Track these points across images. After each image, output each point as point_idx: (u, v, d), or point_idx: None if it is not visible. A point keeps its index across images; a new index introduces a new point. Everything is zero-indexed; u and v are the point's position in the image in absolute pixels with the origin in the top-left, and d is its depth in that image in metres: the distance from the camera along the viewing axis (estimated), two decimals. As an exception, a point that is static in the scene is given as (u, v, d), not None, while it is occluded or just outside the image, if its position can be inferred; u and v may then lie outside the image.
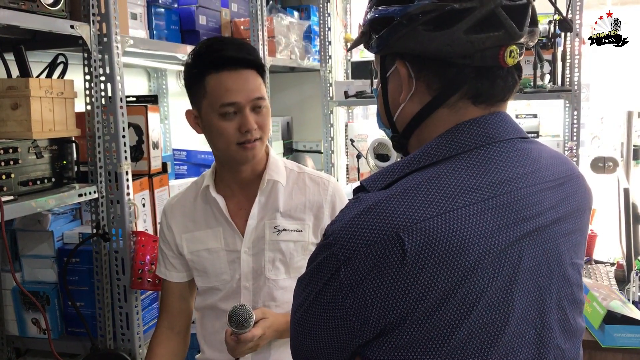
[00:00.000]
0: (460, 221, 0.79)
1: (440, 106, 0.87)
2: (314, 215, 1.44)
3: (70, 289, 1.73)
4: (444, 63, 0.85)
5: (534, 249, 0.83)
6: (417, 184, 0.82)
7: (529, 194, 0.85)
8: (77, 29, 1.56)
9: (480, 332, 0.79)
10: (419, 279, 0.77)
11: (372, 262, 0.78)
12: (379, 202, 0.81)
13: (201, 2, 2.35)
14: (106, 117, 1.66)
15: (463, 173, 0.82)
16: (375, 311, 0.80)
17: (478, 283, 0.79)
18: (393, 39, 0.87)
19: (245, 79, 1.35)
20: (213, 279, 1.46)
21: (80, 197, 1.60)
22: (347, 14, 3.63)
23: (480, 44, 0.82)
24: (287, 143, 3.55)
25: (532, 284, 0.83)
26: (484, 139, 0.86)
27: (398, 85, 0.90)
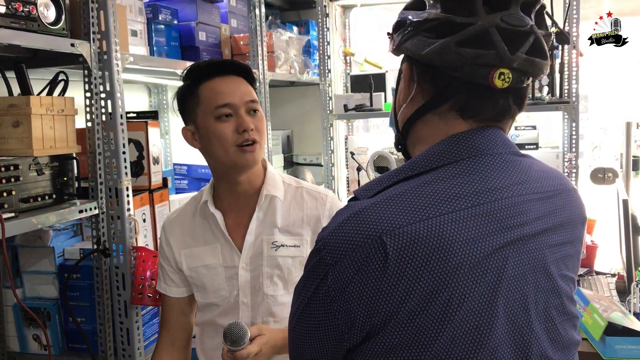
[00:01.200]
0: (443, 227, 0.80)
1: (429, 112, 0.91)
2: (312, 230, 1.44)
3: (71, 305, 1.73)
4: (438, 72, 0.88)
5: (518, 257, 0.84)
6: (402, 192, 0.84)
7: (514, 204, 0.86)
8: (78, 47, 1.57)
9: (463, 336, 0.80)
10: (401, 281, 0.79)
11: (356, 265, 0.81)
12: (364, 209, 0.83)
13: (201, 19, 2.38)
14: (106, 134, 1.67)
15: (448, 182, 0.84)
16: (361, 313, 0.81)
17: (460, 287, 0.80)
18: (401, 42, 0.91)
19: (236, 83, 1.40)
20: (211, 295, 1.46)
21: (80, 213, 1.61)
22: (345, 28, 3.66)
23: (469, 58, 0.84)
24: (288, 156, 3.56)
25: (516, 291, 0.84)
26: (471, 151, 0.87)
27: (403, 87, 0.95)
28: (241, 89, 1.40)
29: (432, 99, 0.90)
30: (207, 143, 1.40)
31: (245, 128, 1.36)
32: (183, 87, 1.44)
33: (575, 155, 2.78)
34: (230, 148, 1.36)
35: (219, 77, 1.40)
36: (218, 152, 1.38)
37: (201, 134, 1.40)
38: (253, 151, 1.38)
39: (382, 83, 3.36)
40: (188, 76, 1.43)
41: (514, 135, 3.14)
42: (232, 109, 1.37)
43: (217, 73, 1.40)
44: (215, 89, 1.38)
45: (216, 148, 1.38)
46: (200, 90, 1.39)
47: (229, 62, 1.45)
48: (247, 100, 1.39)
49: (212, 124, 1.37)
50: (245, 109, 1.38)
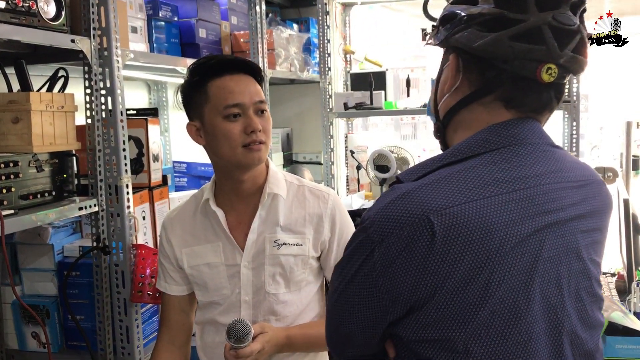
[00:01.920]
0: (486, 209, 0.86)
1: (475, 101, 0.96)
2: (314, 229, 1.44)
3: (70, 303, 1.72)
4: (487, 64, 0.93)
5: (553, 240, 0.90)
6: (447, 175, 0.90)
7: (550, 190, 0.92)
8: (78, 43, 1.56)
9: (502, 312, 0.86)
10: (446, 258, 0.85)
11: (404, 243, 0.86)
12: (412, 190, 0.89)
13: (201, 16, 2.37)
14: (106, 131, 1.66)
15: (490, 168, 0.90)
16: (406, 288, 0.87)
17: (501, 266, 0.86)
18: (452, 33, 0.95)
19: (246, 82, 1.38)
20: (213, 294, 1.45)
21: (80, 211, 1.60)
22: (346, 26, 3.66)
23: (520, 52, 0.90)
24: (287, 154, 3.56)
25: (551, 272, 0.90)
26: (512, 140, 0.93)
27: (447, 77, 0.99)
28: (250, 89, 1.38)
29: (479, 89, 0.95)
30: (213, 141, 1.39)
31: (253, 129, 1.35)
32: (190, 82, 1.41)
33: (576, 155, 2.78)
34: (238, 148, 1.36)
35: (229, 75, 1.37)
36: (224, 151, 1.37)
37: (207, 131, 1.39)
38: (260, 151, 1.37)
39: (382, 81, 3.35)
40: (196, 71, 1.40)
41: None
42: (241, 109, 1.36)
43: (227, 71, 1.38)
44: (225, 88, 1.36)
45: (223, 147, 1.37)
46: (209, 87, 1.37)
47: (240, 60, 1.42)
48: (257, 100, 1.38)
49: (220, 123, 1.36)
50: (253, 110, 1.37)
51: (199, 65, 1.41)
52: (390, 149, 3.20)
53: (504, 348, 0.87)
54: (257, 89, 1.40)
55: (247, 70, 1.40)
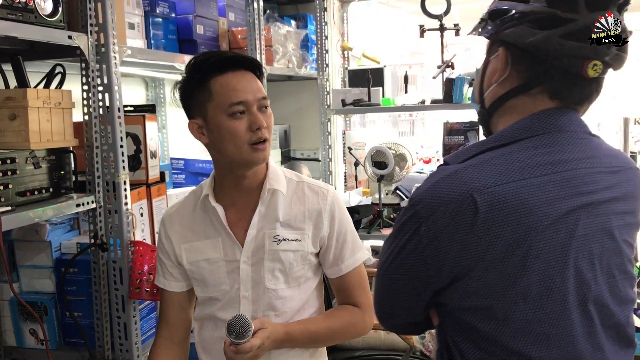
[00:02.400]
0: (524, 190, 0.95)
1: (523, 93, 1.04)
2: (314, 225, 1.44)
3: (68, 299, 1.72)
4: (537, 59, 1.00)
5: (588, 219, 0.98)
6: (490, 158, 0.99)
7: (586, 174, 1.00)
8: (75, 40, 1.56)
9: (538, 284, 0.95)
10: (487, 232, 0.94)
11: (449, 217, 0.96)
12: (458, 170, 0.99)
13: (199, 12, 2.36)
14: (104, 127, 1.66)
15: (531, 152, 0.99)
16: (450, 259, 0.97)
17: (537, 242, 0.94)
18: (503, 28, 1.03)
19: (248, 79, 1.38)
20: (212, 289, 1.45)
21: (78, 207, 1.60)
22: (344, 23, 3.65)
23: (570, 49, 0.97)
24: (285, 151, 3.55)
25: (585, 249, 0.98)
26: (551, 127, 1.01)
27: (495, 69, 1.07)
28: (253, 86, 1.38)
29: (528, 81, 1.03)
30: (217, 138, 1.38)
31: (259, 126, 1.35)
32: (190, 79, 1.40)
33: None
34: (244, 146, 1.35)
35: (231, 72, 1.37)
36: (230, 148, 1.36)
37: (210, 129, 1.38)
38: (265, 149, 1.37)
39: (380, 78, 3.35)
40: (197, 68, 1.39)
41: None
42: (246, 106, 1.35)
43: (229, 67, 1.37)
44: (229, 85, 1.35)
45: (228, 145, 1.36)
46: (211, 84, 1.36)
47: (242, 57, 1.41)
48: (260, 97, 1.37)
49: (225, 121, 1.35)
50: (257, 106, 1.37)
51: (200, 62, 1.40)
52: (388, 145, 3.20)
53: (540, 316, 0.96)
54: (259, 85, 1.40)
55: (248, 67, 1.39)
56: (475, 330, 0.99)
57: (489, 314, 0.97)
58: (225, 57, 1.40)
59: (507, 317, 0.96)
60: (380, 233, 3.09)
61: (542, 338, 0.97)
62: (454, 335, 1.03)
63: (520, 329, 0.97)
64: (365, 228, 3.13)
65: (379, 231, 3.09)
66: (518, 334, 0.97)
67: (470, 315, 0.99)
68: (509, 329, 0.97)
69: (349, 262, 1.47)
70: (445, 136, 3.17)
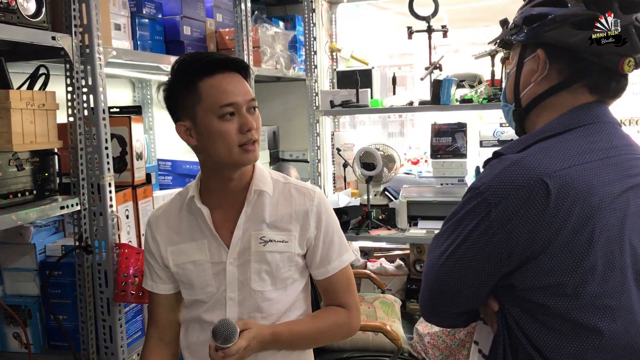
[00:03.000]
0: (586, 172, 1.04)
1: (563, 89, 1.13)
2: (300, 226, 1.43)
3: (53, 303, 1.71)
4: (577, 56, 1.11)
5: (636, 200, 1.09)
6: (549, 146, 1.08)
7: (628, 159, 1.11)
8: (59, 41, 1.55)
9: (603, 259, 1.03)
10: (558, 214, 1.01)
11: (520, 202, 1.02)
12: (521, 159, 1.06)
13: (186, 13, 2.35)
14: (89, 129, 1.65)
15: (582, 140, 1.08)
16: (522, 241, 1.02)
17: (600, 220, 1.03)
18: (544, 31, 1.11)
19: (237, 81, 1.38)
20: (198, 292, 1.45)
21: (62, 210, 1.58)
22: (332, 24, 3.65)
23: (608, 47, 1.08)
24: (274, 152, 3.55)
25: (636, 226, 1.08)
26: (594, 118, 1.11)
27: (532, 69, 1.16)
28: (242, 87, 1.37)
29: (569, 77, 1.12)
30: (207, 141, 1.37)
31: (249, 128, 1.35)
32: (177, 82, 1.39)
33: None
34: (234, 148, 1.35)
35: (220, 73, 1.36)
36: (220, 150, 1.36)
37: (200, 131, 1.37)
38: (255, 150, 1.38)
39: (368, 79, 3.35)
40: (185, 70, 1.38)
41: (499, 132, 3.15)
42: (236, 108, 1.35)
43: (218, 69, 1.36)
44: (218, 87, 1.35)
45: (218, 147, 1.36)
46: (200, 86, 1.35)
47: (230, 59, 1.40)
48: (249, 99, 1.37)
49: (216, 123, 1.34)
50: (246, 108, 1.37)
51: (188, 64, 1.39)
52: (376, 146, 3.20)
53: (605, 290, 1.04)
54: (248, 87, 1.40)
55: (236, 68, 1.39)
56: (545, 309, 1.05)
57: (559, 291, 1.03)
58: (214, 59, 1.39)
59: (577, 292, 1.03)
60: (368, 234, 3.09)
61: (608, 311, 1.04)
62: (519, 318, 1.08)
63: (588, 304, 1.04)
64: (354, 229, 3.13)
65: (367, 232, 3.09)
66: (586, 308, 1.04)
67: (540, 294, 1.04)
68: (578, 304, 1.03)
69: (336, 263, 1.47)
70: (433, 137, 3.18)
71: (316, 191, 1.48)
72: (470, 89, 3.01)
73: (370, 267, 3.34)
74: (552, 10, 1.11)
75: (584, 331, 1.04)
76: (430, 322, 1.22)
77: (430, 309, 1.18)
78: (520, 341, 1.08)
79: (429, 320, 1.21)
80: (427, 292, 1.16)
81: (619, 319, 1.05)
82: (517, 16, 1.20)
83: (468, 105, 2.99)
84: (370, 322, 2.49)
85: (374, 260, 3.43)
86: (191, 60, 1.39)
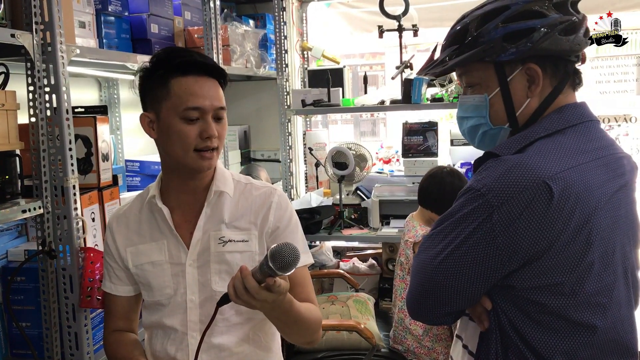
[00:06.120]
0: (585, 173, 1.06)
1: (559, 94, 1.15)
2: (260, 223, 1.41)
3: (15, 309, 1.65)
4: (563, 60, 1.14)
5: (625, 199, 1.13)
6: (545, 148, 1.08)
7: (616, 159, 1.14)
8: (19, 38, 1.49)
9: (599, 258, 1.06)
10: (560, 215, 1.02)
11: (524, 204, 1.02)
12: (522, 161, 1.06)
13: (153, 10, 2.30)
14: (51, 129, 1.59)
15: (574, 141, 1.10)
16: (525, 243, 1.03)
17: (598, 219, 1.05)
18: (536, 44, 1.11)
19: (210, 86, 1.34)
20: (157, 293, 1.41)
21: (24, 213, 1.53)
22: (303, 23, 3.63)
23: (584, 44, 1.15)
24: (245, 152, 3.51)
25: (625, 225, 1.12)
26: (581, 118, 1.14)
27: (523, 86, 1.15)
28: (213, 93, 1.34)
29: (561, 81, 1.15)
30: (165, 138, 1.35)
31: (209, 135, 1.32)
32: (152, 73, 1.35)
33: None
34: (190, 151, 1.33)
35: (194, 76, 1.33)
36: (176, 151, 1.34)
37: (161, 127, 1.35)
38: (211, 158, 1.35)
39: (339, 78, 3.34)
40: (162, 63, 1.35)
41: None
42: (201, 113, 1.32)
43: (193, 71, 1.33)
44: (188, 89, 1.31)
45: (175, 147, 1.34)
46: (172, 84, 1.32)
47: (209, 64, 1.36)
48: (217, 106, 1.34)
49: (177, 123, 1.32)
50: (212, 115, 1.34)
51: (166, 58, 1.35)
52: (348, 146, 3.20)
53: (600, 288, 1.06)
54: (220, 94, 1.36)
55: (212, 74, 1.36)
56: (542, 307, 1.06)
57: (558, 290, 1.05)
58: (191, 60, 1.34)
59: (574, 291, 1.05)
60: (341, 233, 3.08)
61: (600, 308, 1.07)
62: (513, 317, 1.09)
63: (584, 302, 1.06)
64: (326, 229, 3.12)
65: (340, 232, 3.09)
66: (582, 306, 1.06)
67: (538, 293, 1.06)
68: (575, 302, 1.05)
69: (303, 257, 1.36)
70: (404, 136, 3.19)
71: (277, 190, 1.47)
72: (441, 87, 3.03)
73: (343, 266, 3.34)
74: (536, 23, 1.11)
75: (578, 328, 1.07)
76: (418, 319, 1.22)
77: (419, 307, 1.17)
78: (512, 340, 1.09)
79: (416, 318, 1.20)
80: (418, 291, 1.15)
81: (609, 315, 1.08)
82: (483, 37, 1.14)
83: (439, 104, 3.01)
84: (344, 322, 2.48)
85: (347, 260, 3.42)
86: (170, 55, 1.36)
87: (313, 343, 1.44)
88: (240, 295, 1.16)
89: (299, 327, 1.36)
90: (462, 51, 1.17)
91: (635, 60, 3.24)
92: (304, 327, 1.37)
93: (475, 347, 1.18)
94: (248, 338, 1.42)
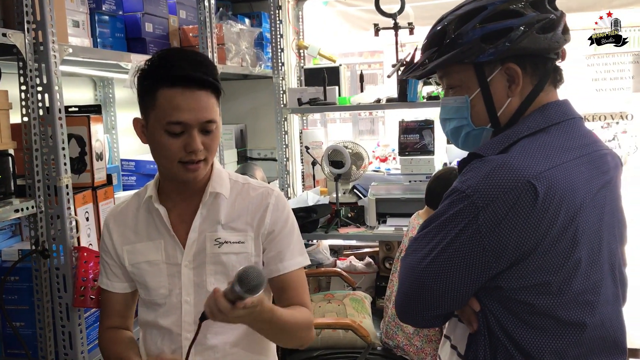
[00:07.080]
0: (568, 171, 1.05)
1: (541, 91, 1.14)
2: (257, 224, 1.41)
3: (9, 309, 1.65)
4: (542, 58, 1.14)
5: (610, 196, 1.13)
6: (529, 147, 1.07)
7: (600, 156, 1.13)
8: (11, 37, 1.49)
9: (585, 257, 1.05)
10: (546, 215, 1.01)
11: (509, 205, 1.01)
12: (506, 161, 1.05)
13: (147, 9, 2.30)
14: (44, 129, 1.59)
15: (558, 139, 1.10)
16: (512, 244, 1.02)
17: (583, 218, 1.05)
18: (514, 43, 1.10)
19: (197, 99, 1.28)
20: (153, 292, 1.41)
21: (17, 213, 1.53)
22: (299, 21, 3.63)
23: (563, 42, 1.15)
24: (241, 151, 3.51)
25: (611, 223, 1.12)
26: (564, 115, 1.14)
27: (503, 85, 1.15)
28: (201, 106, 1.28)
29: (540, 80, 1.14)
30: (153, 147, 1.35)
31: (193, 150, 1.29)
32: (145, 79, 1.32)
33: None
34: (174, 163, 1.31)
35: (181, 88, 1.27)
36: (162, 161, 1.34)
37: (149, 135, 1.34)
38: (197, 170, 1.32)
39: (336, 76, 3.34)
40: (153, 71, 1.31)
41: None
42: (184, 127, 1.28)
43: (180, 82, 1.27)
44: (172, 102, 1.27)
45: (160, 157, 1.34)
46: (158, 94, 1.28)
47: (197, 77, 1.27)
48: (203, 120, 1.29)
49: (161, 135, 1.30)
50: (199, 128, 1.30)
51: (157, 66, 1.30)
52: (344, 144, 3.19)
53: (587, 286, 1.06)
54: (209, 106, 1.29)
55: (204, 84, 1.29)
56: (530, 307, 1.06)
57: (545, 290, 1.05)
58: (179, 74, 1.27)
59: (561, 290, 1.05)
60: (338, 232, 3.08)
61: (589, 306, 1.07)
62: (501, 318, 1.08)
63: (572, 300, 1.05)
64: (323, 227, 3.12)
65: (336, 230, 3.08)
66: (570, 305, 1.06)
67: (525, 293, 1.05)
68: (562, 301, 1.05)
69: (293, 261, 1.41)
70: (400, 135, 3.18)
71: (274, 190, 1.46)
72: (436, 85, 3.02)
73: (339, 265, 3.34)
74: (514, 22, 1.10)
75: (566, 327, 1.06)
76: (406, 322, 1.21)
77: (407, 311, 1.15)
78: (500, 341, 1.09)
79: (405, 321, 1.19)
80: (405, 294, 1.14)
81: (597, 312, 1.08)
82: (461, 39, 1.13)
83: (435, 102, 3.00)
84: (340, 320, 2.48)
85: (344, 259, 3.42)
86: (160, 65, 1.31)
87: (304, 345, 1.45)
88: (215, 315, 1.17)
89: (285, 334, 1.37)
90: (441, 53, 1.16)
91: (631, 57, 3.23)
92: (291, 334, 1.37)
93: (464, 348, 1.17)
94: (242, 339, 1.41)
